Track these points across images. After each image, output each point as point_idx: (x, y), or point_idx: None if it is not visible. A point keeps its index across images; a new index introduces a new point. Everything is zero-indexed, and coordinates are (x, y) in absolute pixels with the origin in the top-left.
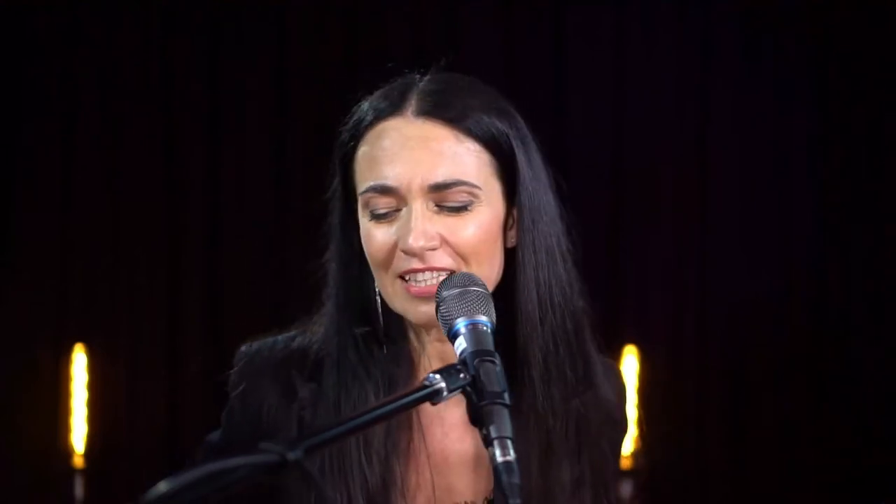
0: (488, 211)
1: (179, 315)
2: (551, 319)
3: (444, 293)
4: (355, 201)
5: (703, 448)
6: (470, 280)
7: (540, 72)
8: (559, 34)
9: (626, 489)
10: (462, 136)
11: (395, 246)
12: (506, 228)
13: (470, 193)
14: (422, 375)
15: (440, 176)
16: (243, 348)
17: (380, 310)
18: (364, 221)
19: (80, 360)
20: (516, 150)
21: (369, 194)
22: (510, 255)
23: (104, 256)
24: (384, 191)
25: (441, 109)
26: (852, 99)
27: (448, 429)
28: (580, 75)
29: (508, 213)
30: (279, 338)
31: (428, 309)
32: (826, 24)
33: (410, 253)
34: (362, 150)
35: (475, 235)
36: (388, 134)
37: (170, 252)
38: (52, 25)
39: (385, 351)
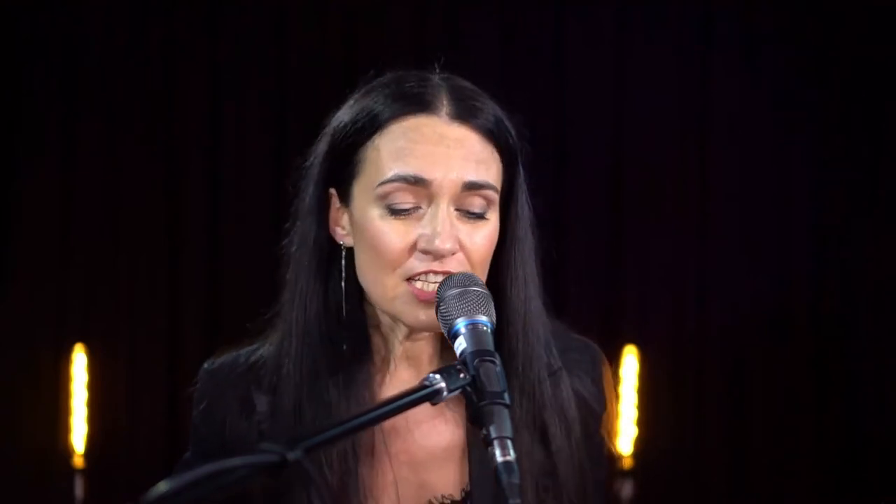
0: (494, 220)
1: (179, 315)
2: (532, 333)
3: (445, 293)
4: (343, 187)
5: (703, 448)
6: (470, 280)
7: (540, 72)
8: (559, 34)
9: (626, 489)
10: (488, 144)
11: (412, 246)
12: None
13: (490, 200)
14: (387, 375)
15: (474, 174)
16: (206, 365)
17: (344, 304)
18: (374, 215)
19: (80, 360)
20: (520, 164)
21: (395, 184)
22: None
23: (104, 257)
24: (416, 182)
25: (474, 115)
26: (853, 100)
27: (413, 426)
28: (580, 75)
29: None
30: (242, 351)
31: (429, 313)
32: (827, 25)
33: (436, 254)
34: (384, 140)
35: (485, 244)
36: (422, 130)
37: (170, 252)
38: (52, 25)
39: (345, 348)
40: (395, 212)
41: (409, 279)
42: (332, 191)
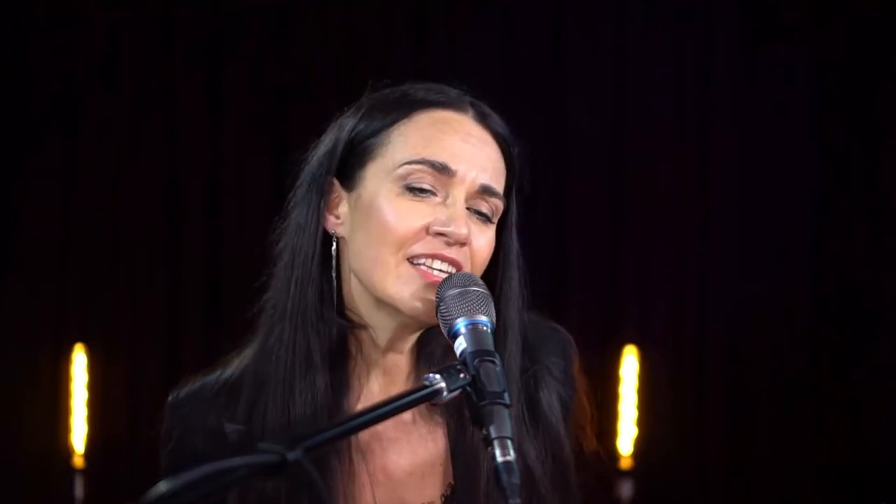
0: (494, 228)
1: (179, 315)
2: (513, 335)
3: (445, 293)
4: (350, 172)
5: (703, 448)
6: (470, 280)
7: (540, 71)
8: (559, 34)
9: (626, 489)
10: (502, 155)
11: (422, 228)
12: None
13: (496, 207)
14: (357, 385)
15: (489, 180)
16: (171, 398)
17: (334, 295)
18: (390, 192)
19: (80, 360)
20: (517, 179)
21: (421, 166)
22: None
23: (104, 256)
24: (442, 169)
25: (496, 125)
26: (853, 101)
27: (386, 444)
28: (580, 75)
29: None
30: (208, 378)
31: (428, 300)
32: (827, 25)
33: (451, 238)
34: (411, 127)
35: (486, 248)
36: (452, 123)
37: (170, 252)
38: (53, 25)
39: (326, 356)
40: (412, 190)
41: (412, 260)
42: (334, 179)
